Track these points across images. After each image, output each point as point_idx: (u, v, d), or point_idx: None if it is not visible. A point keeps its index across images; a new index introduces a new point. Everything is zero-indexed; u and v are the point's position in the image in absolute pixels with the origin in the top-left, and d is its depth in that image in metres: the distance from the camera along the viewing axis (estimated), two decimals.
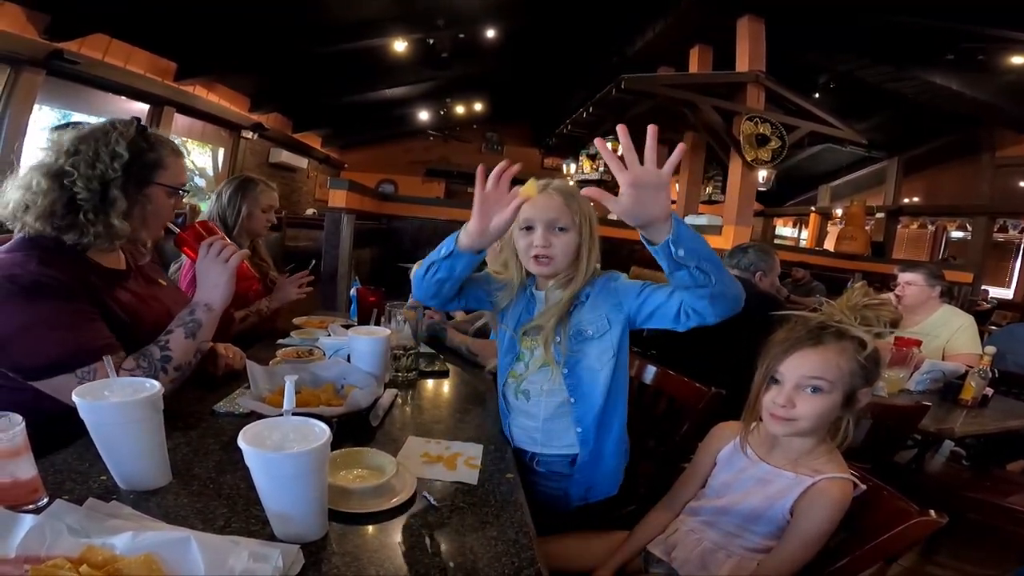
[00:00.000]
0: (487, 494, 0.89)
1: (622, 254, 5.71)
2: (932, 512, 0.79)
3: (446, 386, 1.48)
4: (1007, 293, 8.84)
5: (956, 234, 9.79)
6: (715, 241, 4.76)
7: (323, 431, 0.69)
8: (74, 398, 0.72)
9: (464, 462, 0.98)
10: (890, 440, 1.59)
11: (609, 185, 6.24)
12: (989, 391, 1.97)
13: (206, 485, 0.81)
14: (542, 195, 1.09)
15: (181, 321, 1.09)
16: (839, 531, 0.88)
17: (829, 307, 0.97)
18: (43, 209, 0.98)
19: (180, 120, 6.68)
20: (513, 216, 0.95)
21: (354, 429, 1.06)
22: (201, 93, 6.66)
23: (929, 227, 9.87)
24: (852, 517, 0.88)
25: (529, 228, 1.10)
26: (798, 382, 0.91)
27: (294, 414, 0.76)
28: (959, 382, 2.00)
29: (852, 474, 0.90)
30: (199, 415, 1.08)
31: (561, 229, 1.09)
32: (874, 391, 1.96)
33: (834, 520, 0.87)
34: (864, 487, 0.90)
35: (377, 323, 1.66)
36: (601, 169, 7.60)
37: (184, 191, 1.17)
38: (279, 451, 0.65)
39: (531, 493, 1.16)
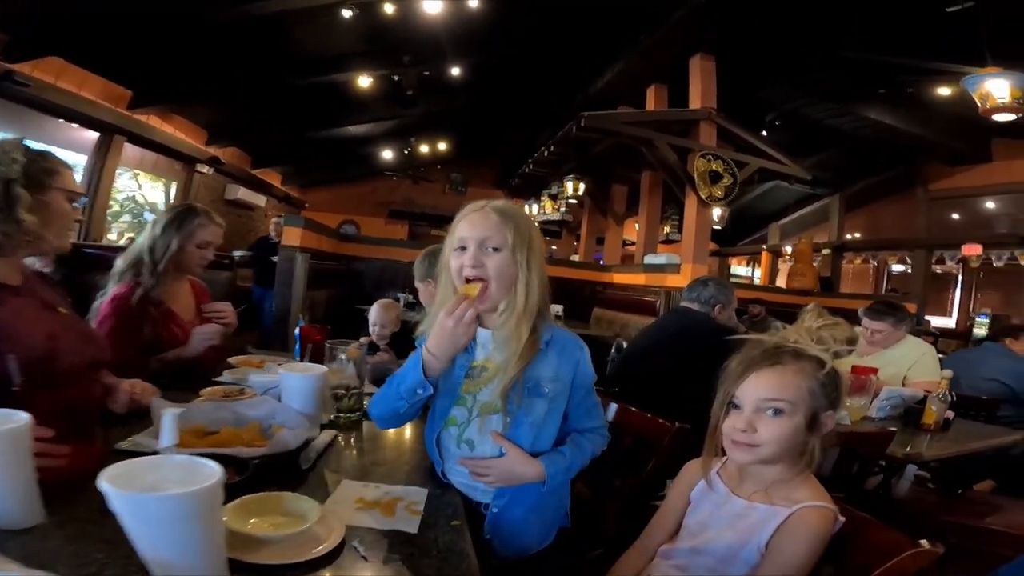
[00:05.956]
0: (428, 544, 0.78)
1: (584, 295, 5.72)
2: (924, 542, 0.72)
3: (389, 433, 1.34)
4: (949, 322, 9.28)
5: (897, 267, 10.33)
6: (674, 280, 4.80)
7: (213, 472, 0.57)
8: None
9: (405, 508, 0.86)
10: (861, 467, 1.55)
11: (571, 226, 6.29)
12: (950, 414, 1.98)
13: (85, 527, 0.69)
14: (478, 214, 1.03)
15: None
16: (821, 565, 0.80)
17: (784, 331, 0.93)
18: None
19: (131, 150, 6.43)
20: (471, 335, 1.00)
21: (281, 472, 0.93)
22: (155, 123, 6.48)
23: (872, 262, 10.38)
24: (835, 553, 0.81)
25: (462, 248, 1.02)
26: (757, 405, 0.86)
27: (203, 455, 0.65)
28: (919, 407, 2.01)
29: (832, 504, 0.83)
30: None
31: (494, 249, 1.00)
32: (838, 419, 1.95)
33: (814, 553, 0.80)
34: (843, 519, 0.83)
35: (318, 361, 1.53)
36: (563, 209, 7.68)
37: (83, 196, 1.14)
38: (152, 492, 0.54)
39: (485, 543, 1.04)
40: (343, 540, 0.73)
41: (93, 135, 5.82)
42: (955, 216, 8.57)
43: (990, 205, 8.09)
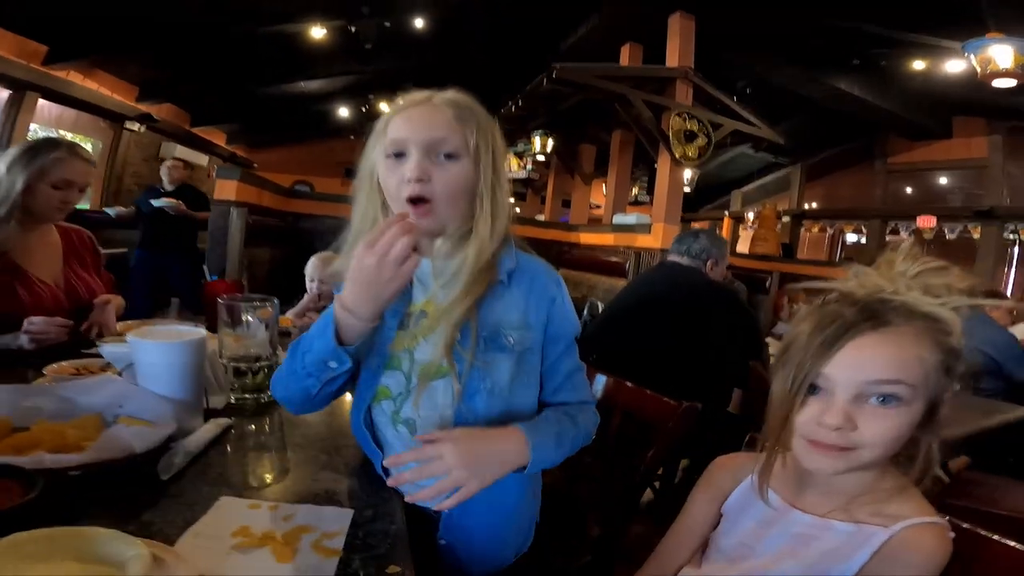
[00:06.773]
0: None
1: (549, 255, 5.45)
2: None
3: (318, 413, 1.03)
4: None
5: (851, 237, 10.58)
6: (644, 240, 4.66)
7: None
8: None
9: (312, 543, 0.56)
10: None
11: (536, 185, 6.03)
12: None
13: None
14: (422, 107, 0.72)
15: None
16: None
17: (867, 276, 0.62)
18: None
19: (49, 108, 5.92)
20: (408, 278, 0.66)
21: (120, 488, 0.61)
22: (76, 79, 5.91)
23: (828, 231, 10.60)
24: None
25: (399, 155, 0.71)
26: (859, 389, 0.58)
27: None
28: None
29: (943, 518, 0.59)
30: None
31: (448, 156, 0.70)
32: None
33: None
34: (953, 534, 0.59)
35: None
36: (529, 167, 7.36)
37: None
38: None
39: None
40: None
41: (4, 93, 5.30)
42: (910, 189, 8.81)
43: (946, 179, 8.32)
